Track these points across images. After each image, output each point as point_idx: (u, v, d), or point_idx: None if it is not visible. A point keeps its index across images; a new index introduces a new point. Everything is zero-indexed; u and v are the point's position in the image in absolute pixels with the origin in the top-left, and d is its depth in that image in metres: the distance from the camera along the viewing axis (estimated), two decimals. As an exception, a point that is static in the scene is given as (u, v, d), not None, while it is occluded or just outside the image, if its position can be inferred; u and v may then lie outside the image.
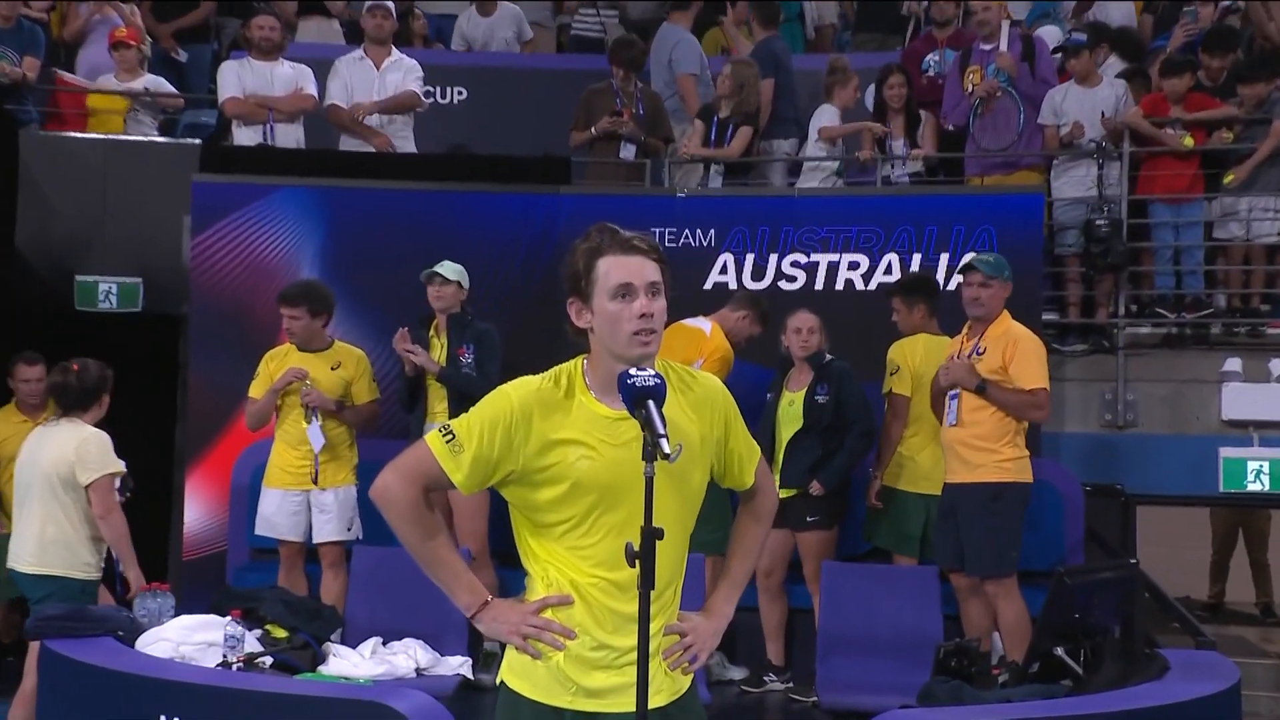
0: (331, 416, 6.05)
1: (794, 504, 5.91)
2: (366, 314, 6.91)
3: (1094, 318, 7.59)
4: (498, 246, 7.04)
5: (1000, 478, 5.46)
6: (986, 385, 5.45)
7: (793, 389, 6.06)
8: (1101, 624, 4.92)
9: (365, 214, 7.08)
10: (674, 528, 2.52)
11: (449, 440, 2.54)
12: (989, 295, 5.59)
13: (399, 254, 6.79)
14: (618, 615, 2.54)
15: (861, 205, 7.15)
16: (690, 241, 7.06)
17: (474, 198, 7.16)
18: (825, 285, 6.99)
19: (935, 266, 6.85)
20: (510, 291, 7.00)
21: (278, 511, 6.05)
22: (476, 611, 2.59)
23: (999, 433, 5.48)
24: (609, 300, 2.51)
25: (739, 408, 2.74)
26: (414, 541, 2.58)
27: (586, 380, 2.58)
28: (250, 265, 6.94)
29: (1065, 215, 7.66)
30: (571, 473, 2.51)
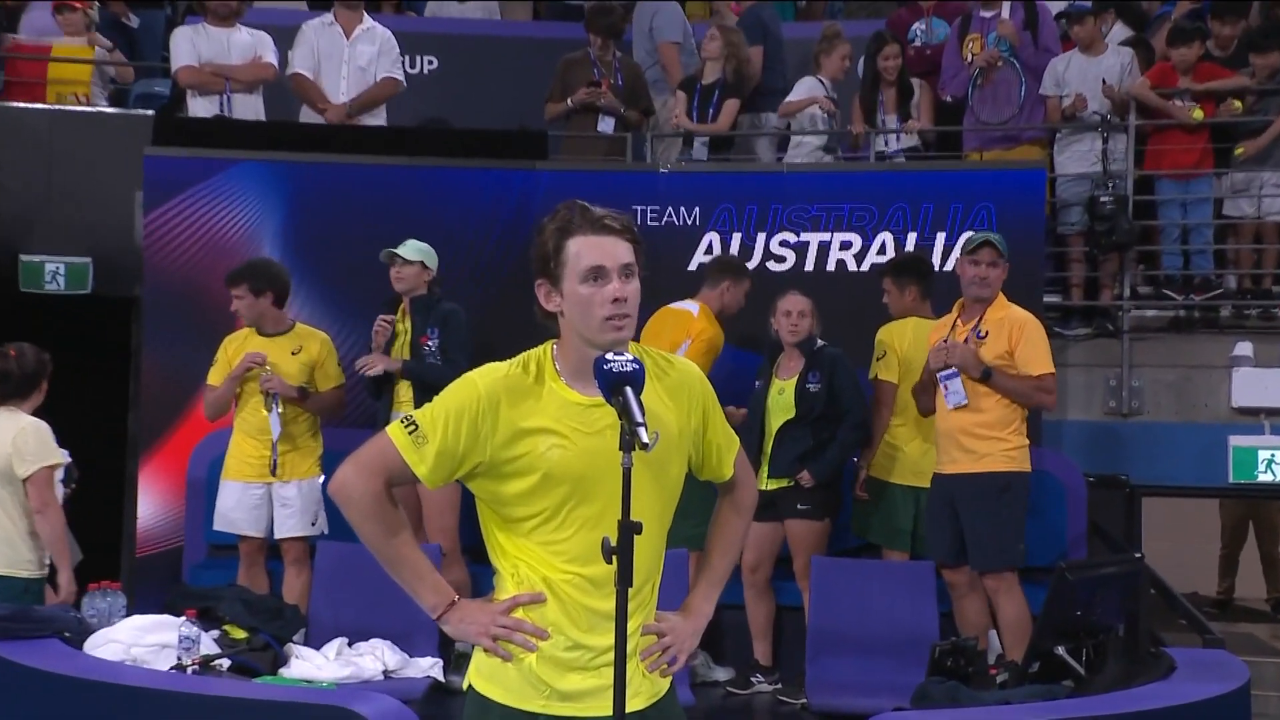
0: (293, 404, 6.02)
1: (784, 495, 5.91)
2: (331, 296, 6.89)
3: (1098, 300, 7.61)
4: (471, 225, 7.01)
5: (1008, 466, 5.47)
6: (992, 372, 5.45)
7: (783, 376, 6.05)
8: (1105, 622, 4.93)
9: (329, 190, 7.03)
10: (652, 521, 2.51)
11: (412, 432, 2.53)
12: (996, 276, 5.60)
13: (366, 233, 6.75)
14: (593, 613, 2.53)
15: (854, 182, 7.14)
16: (674, 220, 7.05)
17: (445, 173, 7.12)
18: (816, 266, 6.99)
19: (931, 246, 6.86)
20: (484, 272, 6.97)
21: (237, 505, 6.03)
22: (442, 612, 2.58)
23: (1005, 420, 5.48)
24: (579, 283, 2.50)
25: (725, 394, 2.73)
26: (375, 539, 2.56)
27: (557, 366, 2.56)
28: (207, 244, 6.89)
29: (1068, 192, 7.67)
30: (542, 463, 2.49)
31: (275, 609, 5.66)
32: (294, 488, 6.02)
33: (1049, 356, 5.54)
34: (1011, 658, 5.33)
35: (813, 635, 5.81)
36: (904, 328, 6.20)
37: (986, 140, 7.85)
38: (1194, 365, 7.30)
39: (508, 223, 7.01)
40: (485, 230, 7.02)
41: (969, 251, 5.69)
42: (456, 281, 6.72)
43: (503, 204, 7.06)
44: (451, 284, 6.53)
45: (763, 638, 6.10)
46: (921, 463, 6.00)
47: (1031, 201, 6.92)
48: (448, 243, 6.73)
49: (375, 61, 7.77)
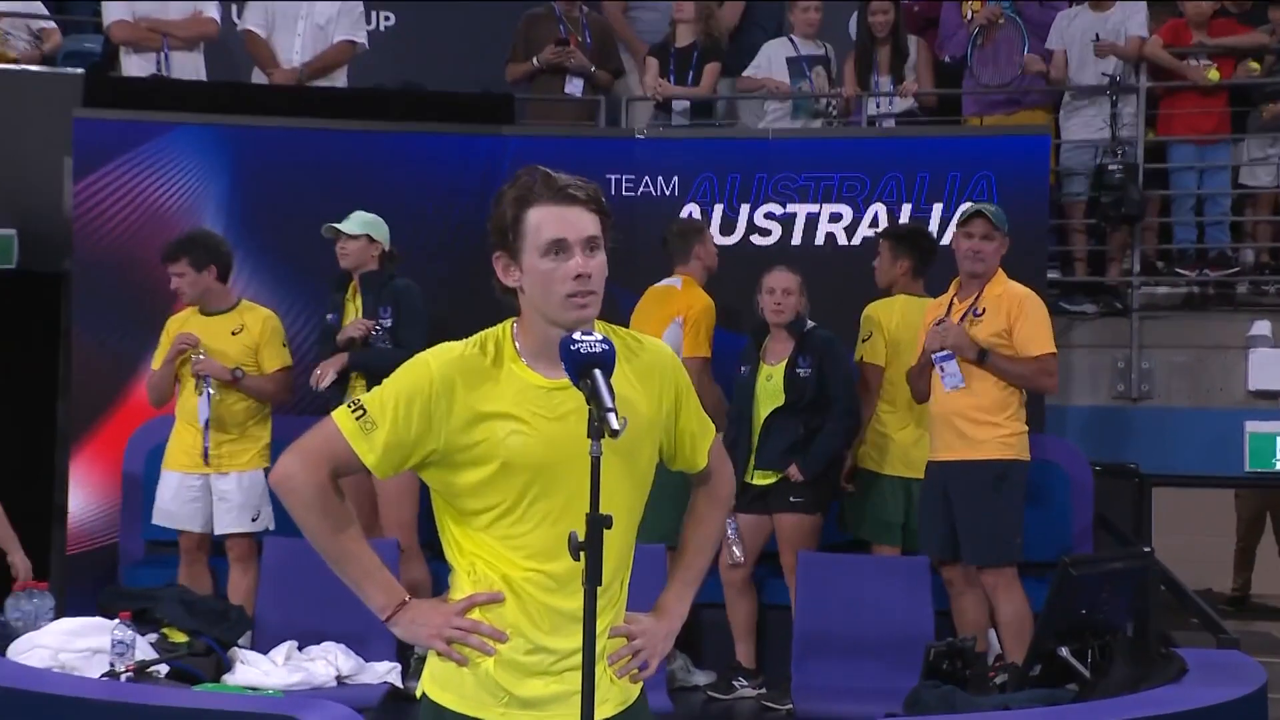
0: (230, 387, 5.98)
1: (774, 489, 5.91)
2: (279, 271, 6.85)
3: (1105, 276, 7.61)
4: (432, 195, 6.97)
5: (1005, 454, 5.49)
6: (988, 354, 5.45)
7: (771, 361, 6.04)
8: (1111, 621, 4.94)
9: (277, 157, 6.98)
10: (622, 514, 2.48)
11: (360, 417, 2.50)
12: (991, 249, 5.60)
13: (316, 203, 6.69)
14: (556, 614, 2.51)
15: (844, 149, 7.13)
16: (650, 190, 7.03)
17: (403, 139, 7.08)
18: (803, 239, 6.98)
19: (927, 218, 6.86)
20: (447, 247, 6.94)
21: (175, 498, 6.01)
22: (392, 613, 2.55)
23: (1002, 404, 5.50)
24: (540, 257, 2.47)
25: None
26: (320, 535, 2.54)
27: (517, 345, 2.54)
28: (143, 215, 6.83)
29: (1074, 160, 7.67)
30: (501, 450, 2.47)
31: (219, 610, 5.63)
32: (232, 480, 5.99)
33: (1050, 336, 5.55)
34: (1011, 659, 5.34)
35: (799, 636, 5.82)
36: (891, 306, 6.20)
37: (987, 104, 7.84)
38: (1208, 346, 7.32)
39: (472, 192, 6.95)
40: (448, 201, 6.98)
41: (961, 223, 5.71)
42: (417, 257, 6.69)
43: (467, 172, 7.01)
44: (412, 259, 6.50)
45: (745, 638, 6.10)
46: (912, 452, 6.00)
47: (1034, 170, 6.92)
48: (407, 215, 6.69)
49: (335, 21, 7.70)
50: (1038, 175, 6.94)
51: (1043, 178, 7.02)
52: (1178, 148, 7.61)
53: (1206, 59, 7.54)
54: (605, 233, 2.52)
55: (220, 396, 5.94)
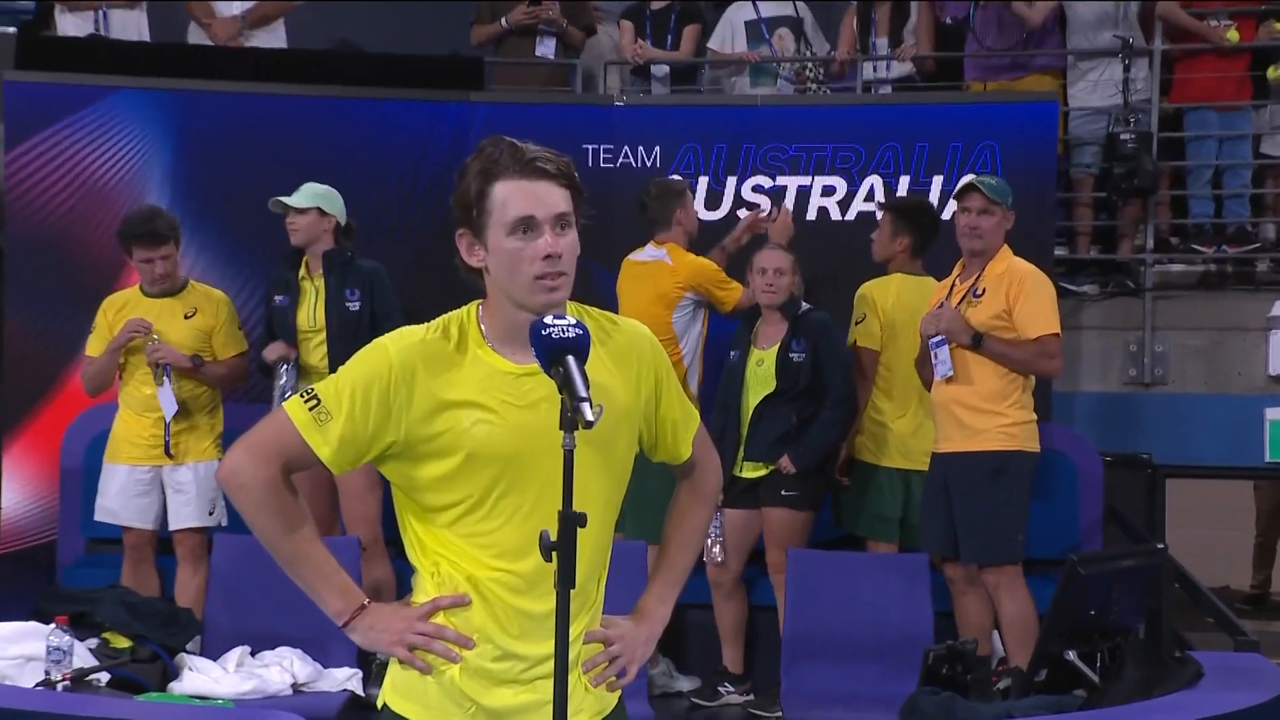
0: (187, 375, 5.97)
1: (765, 480, 5.93)
2: (227, 248, 6.86)
3: (1116, 252, 7.63)
4: (393, 167, 6.97)
5: (1005, 445, 5.49)
6: (983, 338, 5.45)
7: (762, 345, 6.04)
8: (1122, 622, 4.97)
9: (227, 124, 6.97)
10: (598, 509, 2.49)
11: (313, 407, 2.49)
12: (990, 225, 5.59)
13: (269, 174, 6.67)
14: (526, 617, 2.50)
15: (838, 117, 7.15)
16: (630, 161, 7.04)
17: (364, 106, 7.08)
18: (794, 215, 6.96)
19: (926, 190, 6.88)
20: (409, 223, 6.96)
21: (122, 492, 5.99)
22: (350, 619, 2.55)
23: (1004, 391, 5.50)
24: (506, 235, 2.47)
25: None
26: (271, 534, 2.53)
27: (483, 329, 2.53)
28: (81, 187, 6.82)
29: (1084, 128, 7.68)
30: (466, 441, 2.47)
31: (165, 613, 5.63)
32: (189, 471, 5.99)
33: (1053, 315, 5.54)
34: (1015, 663, 5.36)
35: (789, 639, 5.84)
36: (886, 286, 6.21)
37: (990, 69, 7.84)
38: (1226, 328, 7.34)
39: (438, 164, 6.96)
40: (411, 173, 6.99)
41: (956, 197, 5.72)
42: (377, 234, 6.70)
43: (431, 142, 7.02)
44: (371, 237, 6.49)
45: (732, 642, 6.11)
46: (911, 442, 6.02)
47: (1042, 139, 6.94)
48: (367, 188, 6.69)
49: None
50: (1044, 145, 6.97)
51: (1050, 148, 7.04)
52: (1194, 115, 7.62)
53: (1226, 19, 7.55)
54: (577, 210, 2.51)
55: (177, 384, 5.93)
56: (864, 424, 6.17)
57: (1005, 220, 5.62)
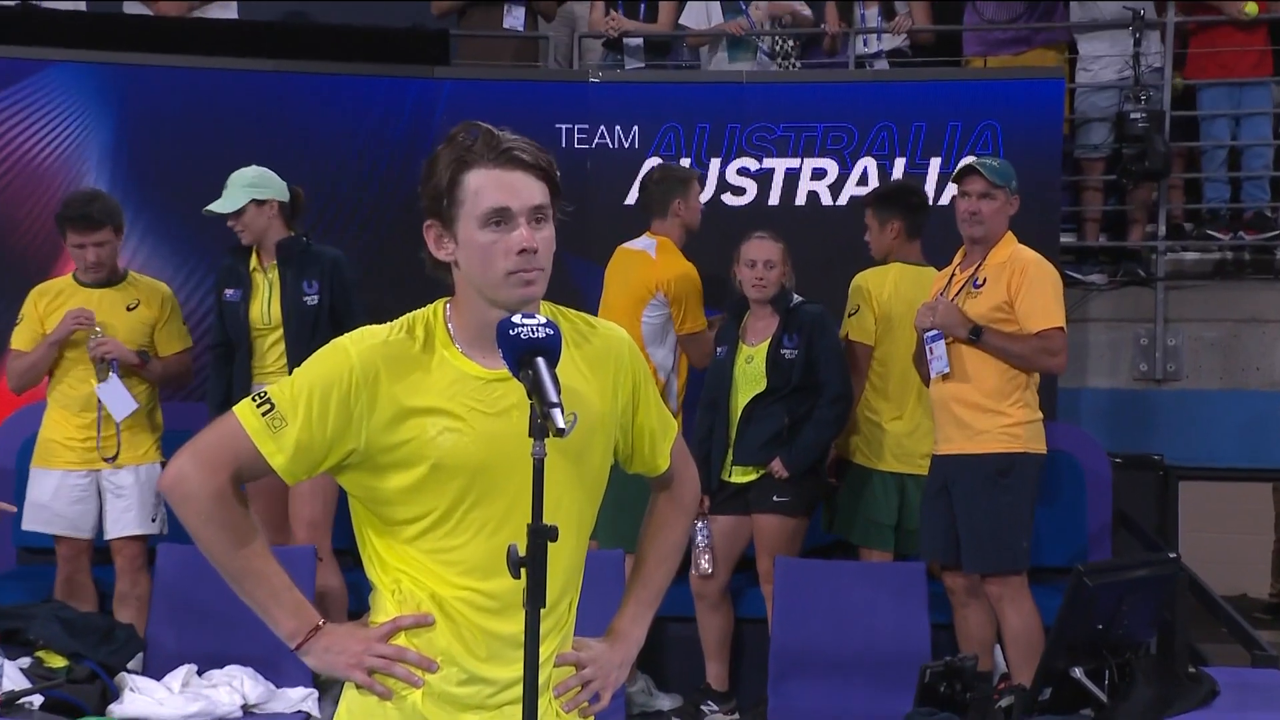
0: (132, 373, 5.94)
1: (755, 487, 5.94)
2: (172, 235, 6.85)
3: (1126, 239, 7.66)
4: (351, 148, 6.98)
5: (1009, 447, 5.49)
6: (982, 332, 5.45)
7: (751, 341, 6.03)
8: (1132, 636, 4.98)
9: (171, 101, 6.95)
10: (570, 524, 2.49)
11: (266, 412, 2.49)
12: (991, 210, 5.57)
13: (216, 156, 6.66)
14: (494, 639, 2.51)
15: (828, 95, 7.15)
16: (607, 142, 7.05)
17: (318, 82, 7.07)
18: (782, 199, 7.01)
19: (923, 174, 6.90)
20: (369, 210, 6.96)
21: (55, 498, 5.96)
22: (303, 641, 2.54)
23: (1006, 388, 5.50)
24: (479, 228, 2.47)
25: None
26: (218, 548, 2.53)
27: (450, 329, 2.53)
28: (13, 169, 6.79)
29: (1092, 106, 7.70)
30: (432, 451, 2.47)
31: (104, 629, 5.61)
32: (129, 474, 5.97)
33: (1057, 307, 5.53)
34: (1018, 681, 5.37)
35: (776, 653, 5.84)
36: (882, 276, 6.21)
37: (991, 43, 7.86)
38: (1243, 320, 7.38)
39: (399, 145, 6.97)
40: (370, 156, 6.99)
41: (955, 180, 5.71)
42: (333, 221, 6.67)
43: (392, 122, 7.02)
44: (328, 225, 6.47)
45: (717, 657, 6.12)
46: (907, 444, 6.03)
47: (1046, 119, 6.98)
48: (323, 171, 6.71)
49: None
50: (1050, 124, 7.00)
51: (1055, 127, 7.07)
52: (1209, 91, 7.65)
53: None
54: (554, 201, 2.51)
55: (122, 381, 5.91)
56: (857, 424, 6.18)
57: (1008, 205, 5.61)
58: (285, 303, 5.90)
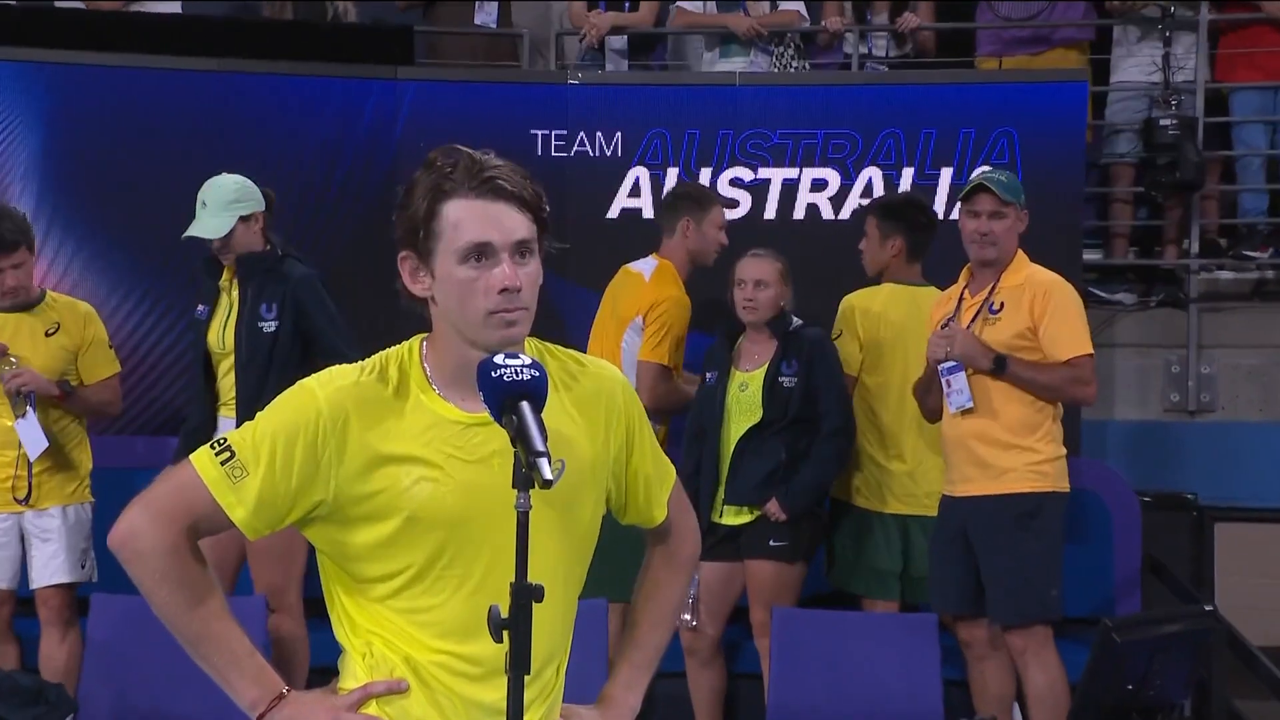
0: (53, 404, 5.93)
1: (749, 531, 5.94)
2: (107, 251, 6.87)
3: (1156, 257, 7.69)
4: (304, 156, 7.01)
5: (1036, 485, 5.49)
6: (1008, 363, 5.47)
7: (745, 367, 6.04)
8: (1165, 697, 5.00)
9: (107, 104, 6.97)
10: (557, 582, 2.51)
11: (226, 460, 2.50)
12: (1004, 229, 5.58)
13: (157, 164, 6.71)
14: (474, 707, 2.53)
15: (830, 99, 7.19)
16: (587, 150, 7.08)
17: (270, 83, 7.10)
18: (779, 213, 7.05)
19: (933, 186, 6.94)
20: (322, 226, 6.99)
21: (-31, 546, 5.94)
22: (266, 710, 2.55)
23: (1033, 422, 5.51)
24: (457, 263, 2.48)
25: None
26: (174, 610, 2.53)
27: (426, 370, 2.56)
28: (-68, 176, 6.83)
29: (1117, 112, 7.75)
30: (406, 503, 2.49)
31: (30, 690, 5.60)
32: (55, 517, 5.93)
33: (1086, 333, 5.56)
34: (1042, 745, 5.40)
35: (774, 713, 5.86)
36: (871, 297, 6.24)
37: (1007, 42, 7.91)
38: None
39: (357, 155, 7.01)
40: (326, 165, 7.02)
41: (963, 200, 5.69)
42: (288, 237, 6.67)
43: (350, 127, 7.06)
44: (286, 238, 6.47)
45: (709, 716, 6.13)
46: (909, 483, 6.06)
47: (1067, 126, 7.02)
48: (273, 181, 6.62)
49: None
50: (1071, 132, 7.05)
51: (1078, 135, 7.12)
52: (1245, 95, 7.71)
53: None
54: (542, 235, 2.53)
55: (41, 415, 5.87)
56: (856, 461, 6.20)
57: (1019, 222, 5.61)
58: (240, 328, 5.76)
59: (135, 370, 6.72)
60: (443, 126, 6.87)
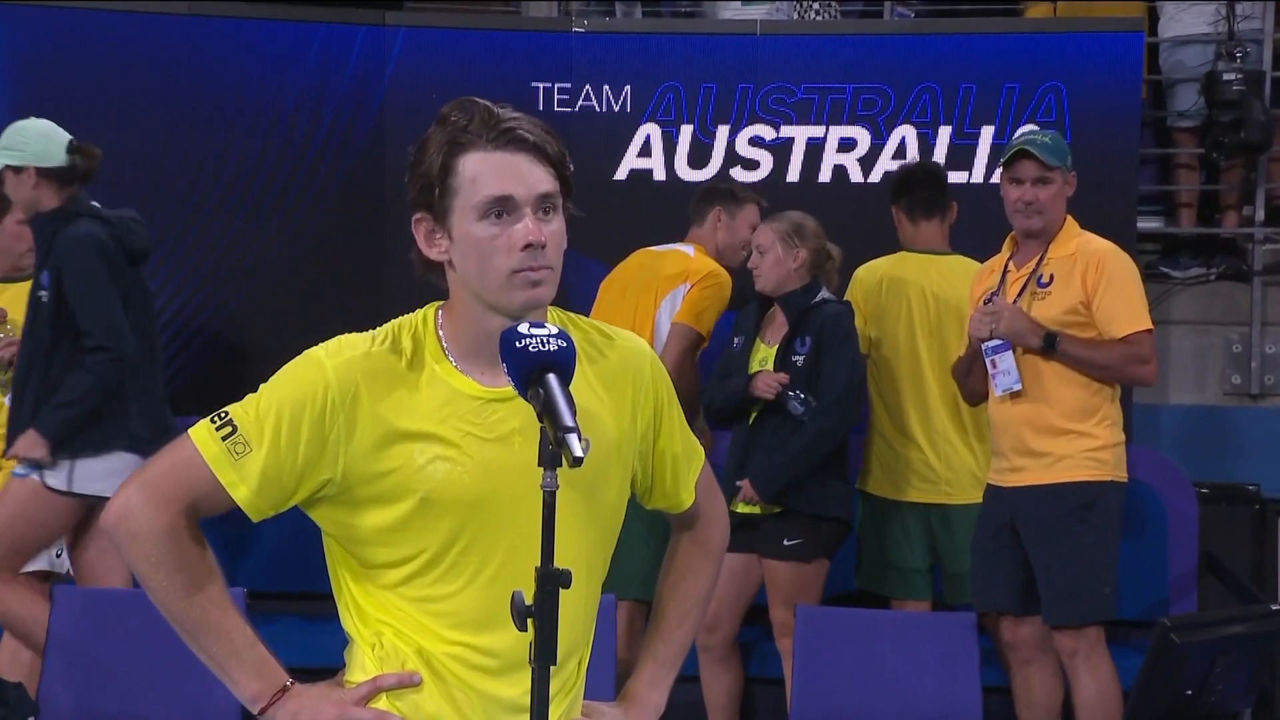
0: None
1: (764, 525, 5.97)
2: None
3: (1217, 225, 7.71)
4: (282, 110, 7.04)
5: (1095, 474, 5.50)
6: (1058, 340, 5.51)
7: (769, 340, 6.09)
8: (1226, 704, 5.04)
9: (67, 50, 6.98)
10: (581, 570, 2.54)
11: (227, 436, 2.53)
12: (1049, 196, 5.57)
13: (121, 115, 6.74)
14: (492, 703, 2.57)
15: (860, 51, 7.21)
16: (593, 104, 7.11)
17: (243, 29, 7.10)
18: (803, 175, 7.09)
19: (973, 145, 6.96)
20: (302, 187, 7.00)
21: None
22: (269, 704, 2.58)
23: (1091, 405, 5.52)
24: (477, 220, 2.51)
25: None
26: (171, 596, 2.56)
27: (442, 340, 2.58)
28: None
29: (1177, 65, 7.76)
30: (420, 482, 2.52)
31: (-10, 690, 5.63)
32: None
33: (1144, 306, 5.54)
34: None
35: (796, 719, 5.88)
36: (875, 266, 6.33)
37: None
38: (1356, 323, 7.46)
39: (341, 109, 7.02)
40: (307, 120, 7.04)
41: (1005, 165, 5.68)
42: (259, 202, 6.72)
43: (332, 79, 7.07)
44: (254, 206, 6.52)
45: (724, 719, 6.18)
46: (925, 469, 6.15)
47: (1121, 81, 7.03)
48: (247, 138, 6.76)
49: None
50: (1126, 87, 7.06)
51: (1133, 91, 7.12)
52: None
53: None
54: (565, 189, 2.56)
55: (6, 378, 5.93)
56: (870, 446, 6.26)
57: (1066, 187, 5.61)
58: (30, 299, 5.75)
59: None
60: (434, 77, 6.91)
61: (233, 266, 6.98)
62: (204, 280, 7.02)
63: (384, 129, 6.86)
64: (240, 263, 6.97)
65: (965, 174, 7.07)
